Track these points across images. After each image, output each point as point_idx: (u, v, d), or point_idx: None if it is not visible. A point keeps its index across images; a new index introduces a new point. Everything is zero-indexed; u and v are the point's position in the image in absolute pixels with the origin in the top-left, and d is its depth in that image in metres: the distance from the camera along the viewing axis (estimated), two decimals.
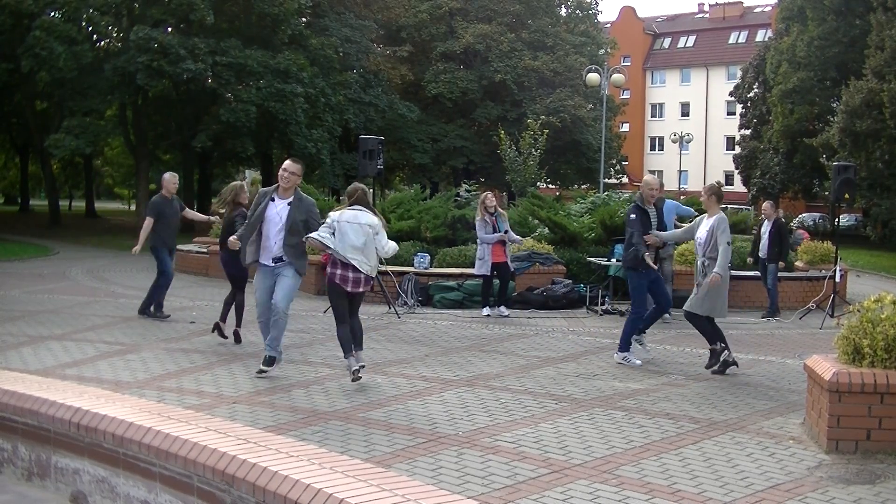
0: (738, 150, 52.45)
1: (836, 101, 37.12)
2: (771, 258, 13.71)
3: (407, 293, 13.71)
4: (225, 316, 10.31)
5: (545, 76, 42.10)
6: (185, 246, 18.79)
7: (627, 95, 65.46)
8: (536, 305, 13.68)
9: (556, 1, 47.27)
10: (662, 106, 73.12)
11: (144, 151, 35.74)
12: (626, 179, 54.01)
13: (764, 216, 14.15)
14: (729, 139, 63.87)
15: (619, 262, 12.47)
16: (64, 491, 4.70)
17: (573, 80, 41.52)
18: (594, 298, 13.72)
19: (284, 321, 8.35)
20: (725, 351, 8.88)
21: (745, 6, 72.30)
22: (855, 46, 36.48)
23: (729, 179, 62.00)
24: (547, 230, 16.30)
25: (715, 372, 8.81)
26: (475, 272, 13.08)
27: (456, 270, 14.40)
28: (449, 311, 13.41)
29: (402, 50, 40.90)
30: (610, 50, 50.02)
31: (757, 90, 49.31)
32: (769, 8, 63.70)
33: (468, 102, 42.82)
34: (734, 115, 58.71)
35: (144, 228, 11.93)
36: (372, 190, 18.66)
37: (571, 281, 14.25)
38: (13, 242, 28.93)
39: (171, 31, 31.88)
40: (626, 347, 9.37)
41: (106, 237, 33.42)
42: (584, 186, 41.65)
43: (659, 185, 9.82)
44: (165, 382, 8.18)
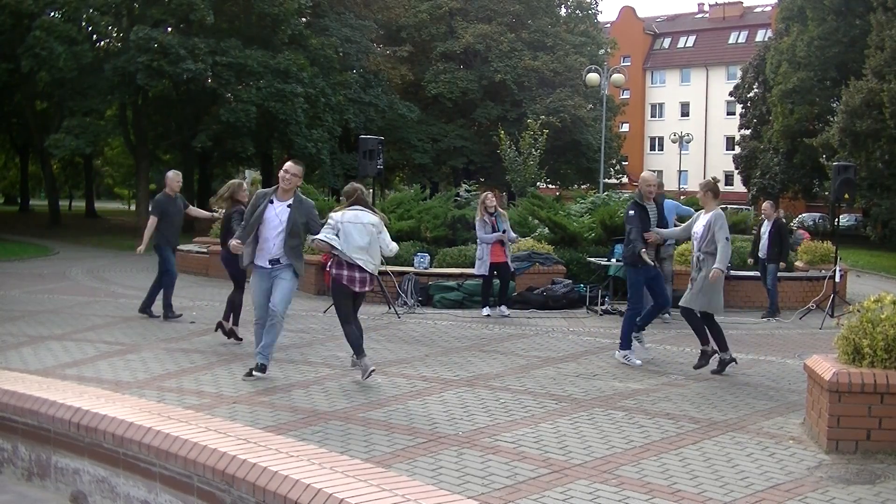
0: (738, 150, 52.47)
1: (836, 101, 37.13)
2: (770, 258, 13.71)
3: (407, 293, 13.72)
4: (229, 315, 10.32)
5: (545, 76, 42.11)
6: (185, 246, 18.77)
7: (627, 95, 65.49)
8: (536, 305, 13.69)
9: (556, 1, 47.28)
10: (662, 106, 73.14)
11: (144, 151, 35.73)
12: (626, 179, 54.01)
13: (764, 216, 14.16)
14: (729, 139, 63.89)
15: (619, 262, 12.49)
16: (64, 491, 4.70)
17: (573, 80, 41.53)
18: (594, 298, 13.72)
19: (280, 326, 8.25)
20: (726, 353, 8.87)
21: (745, 6, 72.33)
22: (855, 46, 36.49)
23: (729, 179, 61.99)
24: (547, 230, 16.31)
25: (714, 372, 8.81)
26: (475, 272, 13.10)
27: (456, 270, 14.40)
28: (449, 311, 13.41)
29: (402, 50, 40.90)
30: (610, 50, 50.04)
31: (757, 90, 49.33)
32: (769, 8, 63.72)
33: (468, 102, 42.82)
34: (734, 115, 58.73)
35: (149, 227, 11.90)
36: (372, 190, 18.78)
37: (571, 281, 14.26)
38: (13, 242, 28.92)
39: (171, 31, 31.86)
40: (626, 345, 9.41)
41: (106, 237, 33.42)
42: (584, 186, 41.65)
43: (656, 181, 9.85)
44: (165, 382, 8.18)
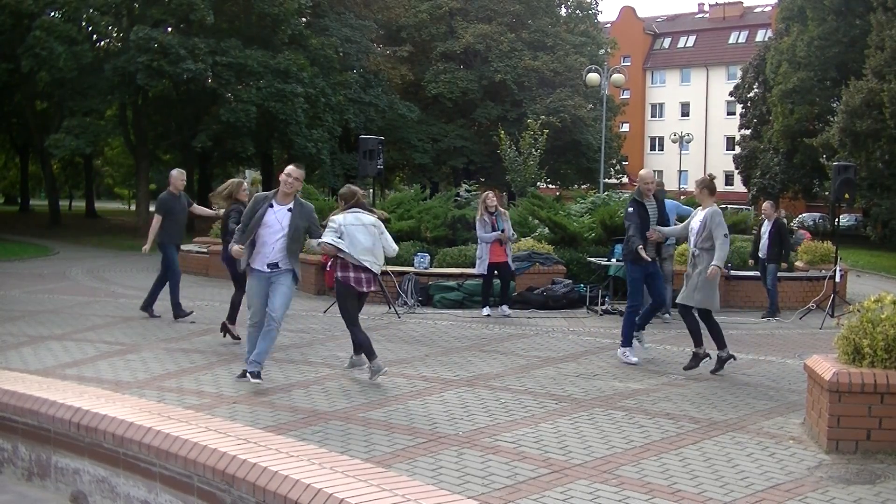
0: (738, 150, 52.46)
1: (836, 101, 37.14)
2: (770, 258, 13.70)
3: (407, 293, 13.71)
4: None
5: (545, 76, 42.10)
6: (185, 246, 18.68)
7: (627, 95, 65.49)
8: (536, 305, 13.69)
9: (556, 1, 47.26)
10: (662, 106, 73.15)
11: (144, 151, 35.72)
12: (626, 179, 54.02)
13: (764, 216, 14.15)
14: (729, 139, 63.88)
15: (619, 261, 12.50)
16: (64, 491, 4.70)
17: (573, 80, 41.52)
18: (594, 298, 13.72)
19: (277, 332, 8.08)
20: (724, 350, 8.87)
21: (745, 6, 72.32)
22: (855, 46, 36.49)
23: (729, 179, 61.96)
24: (547, 230, 16.31)
25: (713, 370, 8.83)
26: (475, 272, 13.11)
27: (456, 270, 14.40)
28: (449, 311, 13.41)
29: (402, 50, 40.89)
30: (610, 50, 50.03)
31: (757, 90, 49.33)
32: (769, 8, 63.73)
33: (468, 102, 42.81)
34: (734, 115, 58.73)
35: (153, 226, 11.84)
36: (372, 190, 18.80)
37: (571, 281, 14.26)
38: (13, 242, 28.91)
39: (171, 31, 31.84)
40: (627, 343, 9.54)
41: (106, 237, 33.41)
42: (584, 186, 41.64)
43: (654, 178, 9.96)
44: (165, 382, 8.18)
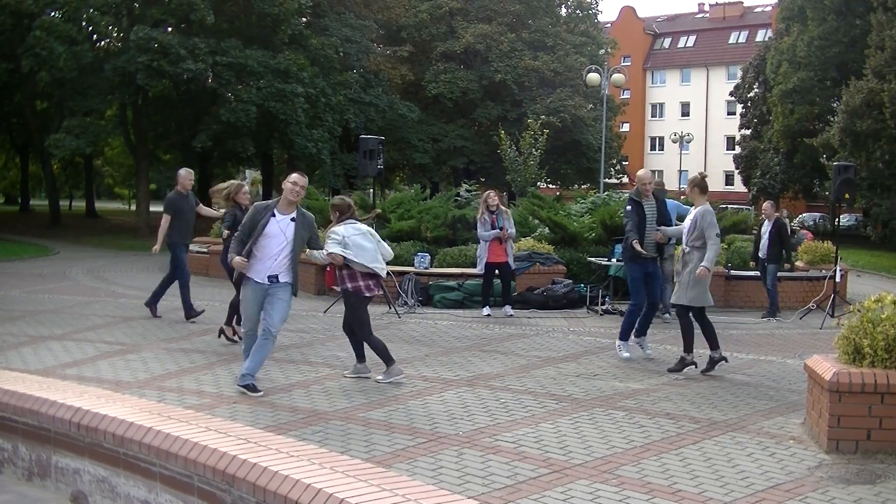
0: (738, 150, 52.46)
1: (836, 101, 37.14)
2: (770, 258, 13.69)
3: (407, 293, 13.71)
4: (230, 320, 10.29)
5: (545, 76, 42.09)
6: None
7: (627, 95, 65.47)
8: (537, 305, 13.68)
9: (556, 1, 47.25)
10: (662, 106, 73.15)
11: (144, 151, 35.72)
12: (626, 179, 53.99)
13: (764, 216, 14.14)
14: (729, 139, 63.88)
15: (619, 261, 12.51)
16: (64, 491, 4.71)
17: (573, 80, 41.51)
18: (594, 298, 13.72)
19: (272, 345, 7.93)
20: (716, 351, 8.86)
21: (745, 6, 72.32)
22: (855, 46, 36.49)
23: (729, 179, 61.99)
24: (547, 230, 16.30)
25: (704, 371, 8.82)
26: (476, 271, 13.12)
27: (456, 270, 14.40)
28: (449, 310, 13.41)
29: (402, 50, 40.88)
30: (610, 50, 50.02)
31: (757, 90, 49.33)
32: (769, 8, 63.73)
33: (468, 102, 42.81)
34: (734, 115, 58.73)
35: (162, 226, 11.81)
36: (372, 190, 18.81)
37: (572, 281, 14.26)
38: (13, 242, 28.90)
39: (171, 31, 31.83)
40: (624, 337, 9.71)
41: (106, 237, 33.40)
42: (584, 186, 41.66)
43: (652, 178, 10.02)
44: (166, 382, 8.18)
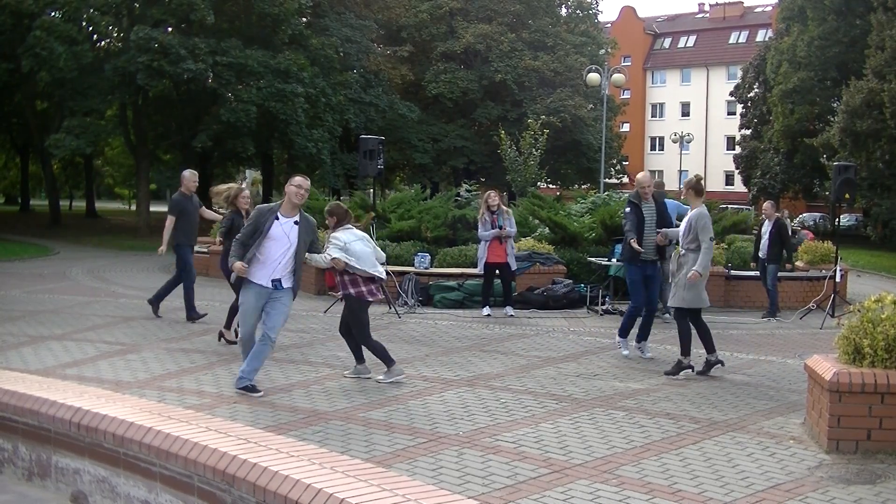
0: (738, 150, 52.45)
1: (836, 101, 37.14)
2: (771, 258, 13.68)
3: (407, 293, 13.71)
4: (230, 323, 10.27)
5: (545, 76, 42.08)
6: None
7: (628, 95, 65.45)
8: (537, 305, 13.68)
9: (556, 1, 47.24)
10: (663, 106, 73.12)
11: (145, 151, 35.71)
12: (626, 179, 53.98)
13: (764, 216, 14.13)
14: (729, 139, 63.86)
15: (619, 261, 12.51)
16: (64, 491, 4.70)
17: (573, 80, 41.50)
18: (595, 298, 13.72)
19: (270, 350, 7.88)
20: (712, 354, 8.86)
21: (745, 6, 72.30)
22: (855, 46, 36.49)
23: (729, 179, 61.95)
24: (547, 230, 16.30)
25: (700, 372, 8.82)
26: (477, 271, 13.12)
27: (456, 270, 14.40)
28: (449, 311, 13.41)
29: (402, 50, 40.87)
30: (610, 50, 50.00)
31: (757, 90, 49.32)
32: (769, 8, 63.71)
33: (468, 102, 42.80)
34: (734, 115, 58.72)
35: (167, 227, 11.79)
36: (372, 190, 18.79)
37: (572, 281, 14.26)
38: (13, 242, 28.89)
39: (171, 31, 31.81)
40: (623, 334, 9.85)
41: (106, 237, 33.39)
42: (584, 186, 41.62)
43: (650, 181, 10.05)
44: (166, 382, 8.18)
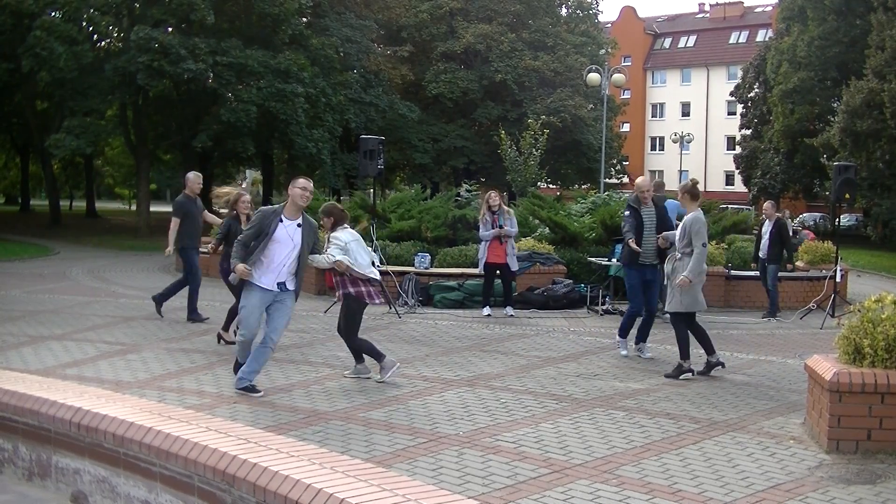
0: (738, 150, 52.44)
1: (836, 101, 37.13)
2: (771, 258, 13.67)
3: (407, 293, 13.71)
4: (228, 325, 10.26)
5: (546, 76, 42.07)
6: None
7: (628, 95, 65.44)
8: (537, 305, 13.68)
9: (556, 1, 47.22)
10: (663, 106, 73.11)
11: (145, 151, 35.71)
12: (626, 179, 53.99)
13: (765, 216, 14.13)
14: (729, 139, 63.85)
15: (619, 261, 12.50)
16: (64, 491, 4.70)
17: (574, 80, 41.49)
18: (595, 298, 13.72)
19: (271, 353, 7.83)
20: (712, 356, 8.86)
21: (745, 6, 72.29)
22: (855, 46, 36.47)
23: (729, 179, 61.91)
24: (547, 230, 16.31)
25: (700, 373, 8.81)
26: (477, 271, 13.13)
27: (456, 270, 14.40)
28: (449, 311, 13.41)
29: (402, 50, 40.86)
30: (610, 50, 49.98)
31: (757, 90, 49.31)
32: (770, 8, 63.69)
33: (469, 102, 42.79)
34: (735, 115, 58.71)
35: (172, 229, 11.78)
36: (373, 190, 18.78)
37: (572, 281, 14.26)
38: (14, 242, 28.89)
39: (171, 31, 31.80)
40: (623, 334, 9.93)
41: (106, 237, 33.39)
42: (584, 186, 41.60)
43: (650, 185, 10.06)
44: (166, 382, 8.18)
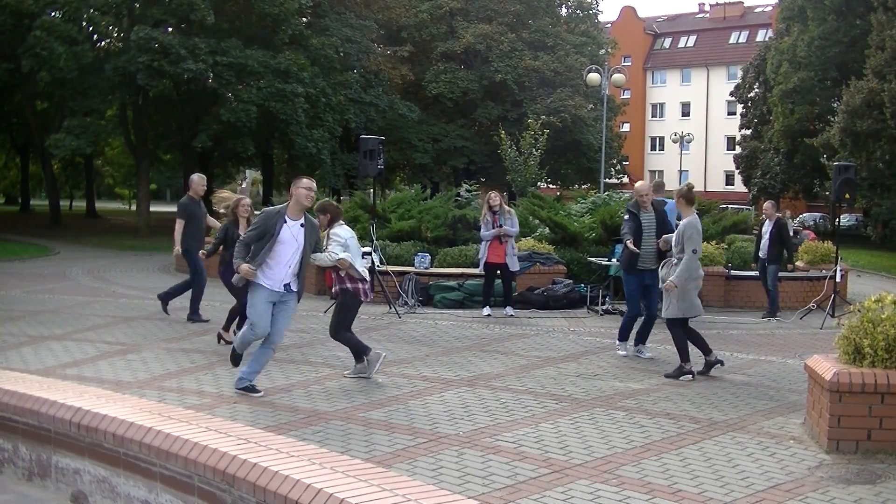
0: (738, 150, 52.43)
1: (836, 101, 37.12)
2: (771, 258, 13.67)
3: (407, 293, 13.71)
4: (229, 325, 10.26)
5: (546, 76, 42.06)
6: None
7: (628, 95, 65.41)
8: (537, 305, 13.68)
9: (556, 1, 47.22)
10: (663, 106, 73.10)
11: (145, 151, 35.72)
12: (626, 179, 53.98)
13: (765, 216, 14.12)
14: (729, 139, 63.84)
15: (619, 262, 12.51)
16: (64, 491, 4.70)
17: (574, 80, 41.48)
18: (595, 298, 13.72)
19: (272, 354, 7.85)
20: (710, 355, 8.86)
21: (745, 6, 72.28)
22: (855, 46, 36.47)
23: (729, 179, 61.89)
24: (547, 230, 16.31)
25: (700, 373, 8.81)
26: (478, 271, 13.14)
27: (456, 270, 14.40)
28: (449, 311, 13.41)
29: (402, 50, 40.86)
30: (610, 50, 49.97)
31: (757, 90, 49.30)
32: (770, 8, 63.69)
33: (469, 102, 42.78)
34: (735, 115, 58.70)
35: (177, 230, 11.80)
36: (373, 190, 18.76)
37: (572, 281, 14.26)
38: (14, 242, 28.89)
39: (171, 31, 31.81)
40: (622, 338, 9.96)
41: (106, 237, 33.39)
42: (584, 186, 41.60)
43: (648, 189, 10.09)
44: (166, 382, 8.18)
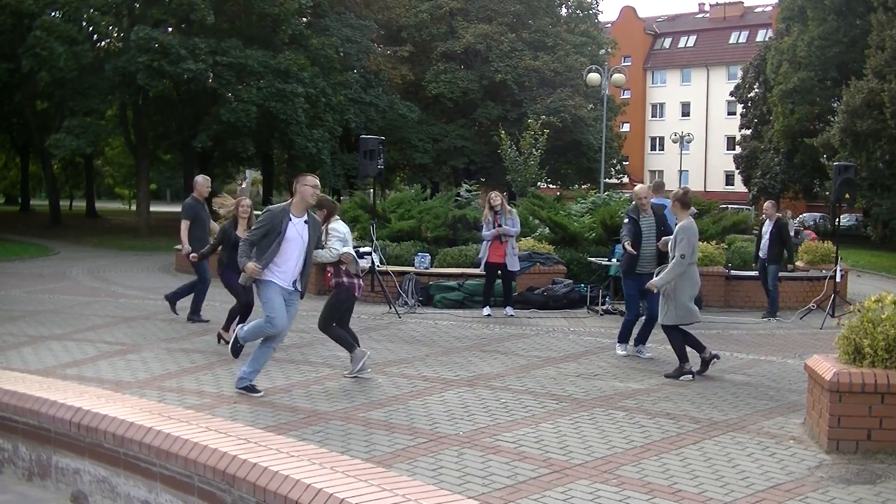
0: (738, 150, 52.44)
1: (836, 101, 37.12)
2: (771, 258, 13.67)
3: (407, 293, 13.71)
4: (228, 325, 10.25)
5: (546, 76, 42.06)
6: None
7: (628, 95, 65.42)
8: (537, 305, 13.68)
9: (556, 1, 47.22)
10: (663, 106, 73.10)
11: (145, 151, 35.73)
12: (626, 179, 53.99)
13: (765, 216, 14.12)
14: (729, 139, 63.84)
15: (619, 262, 12.52)
16: (64, 491, 4.70)
17: (574, 80, 41.48)
18: (595, 298, 13.72)
19: (273, 353, 7.84)
20: (704, 352, 8.88)
21: (745, 6, 72.28)
22: (855, 46, 36.47)
23: (729, 179, 61.87)
24: (547, 230, 16.31)
25: (698, 372, 8.81)
26: (478, 271, 13.14)
27: (456, 270, 14.40)
28: (449, 311, 13.41)
29: (402, 50, 40.86)
30: (610, 50, 49.97)
31: (757, 90, 49.31)
32: (770, 8, 63.69)
33: (469, 102, 42.78)
34: (735, 115, 58.70)
35: (183, 230, 11.81)
36: (373, 190, 18.76)
37: (572, 281, 14.26)
38: (14, 242, 28.90)
39: (171, 31, 31.81)
40: (621, 340, 9.99)
41: (106, 237, 33.39)
42: (584, 186, 41.60)
43: (648, 192, 10.12)
44: (166, 382, 8.18)
